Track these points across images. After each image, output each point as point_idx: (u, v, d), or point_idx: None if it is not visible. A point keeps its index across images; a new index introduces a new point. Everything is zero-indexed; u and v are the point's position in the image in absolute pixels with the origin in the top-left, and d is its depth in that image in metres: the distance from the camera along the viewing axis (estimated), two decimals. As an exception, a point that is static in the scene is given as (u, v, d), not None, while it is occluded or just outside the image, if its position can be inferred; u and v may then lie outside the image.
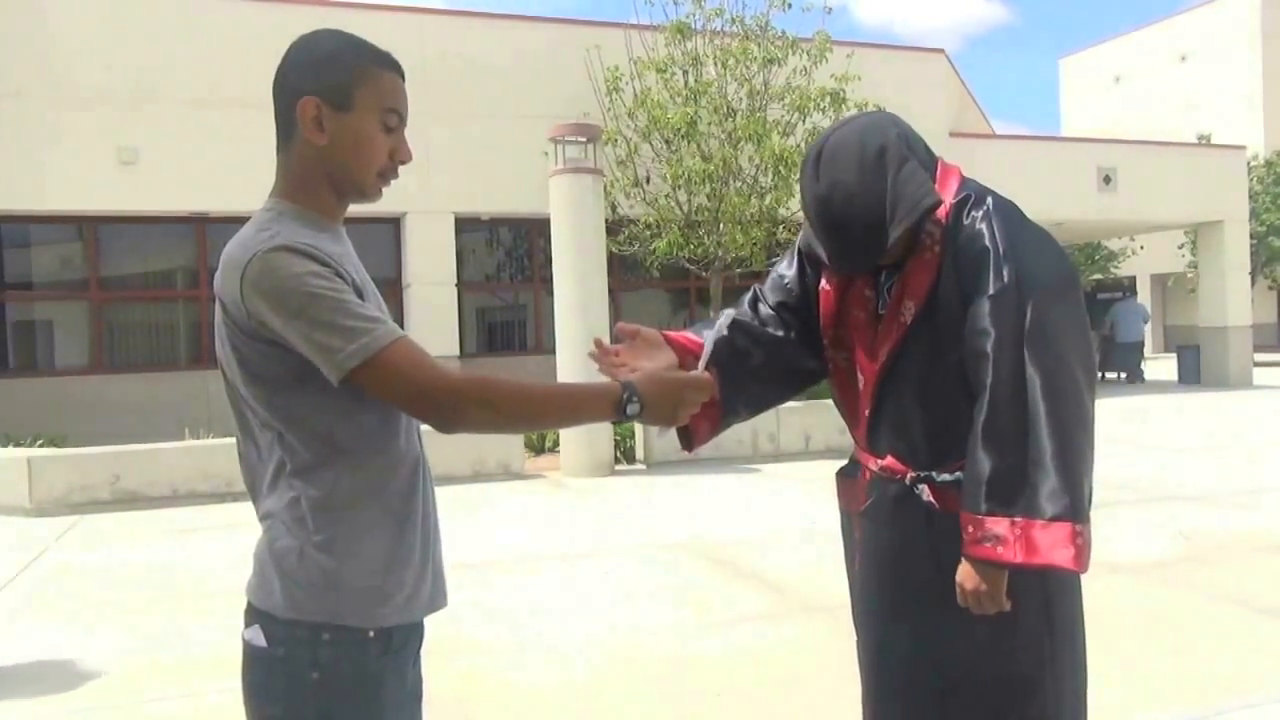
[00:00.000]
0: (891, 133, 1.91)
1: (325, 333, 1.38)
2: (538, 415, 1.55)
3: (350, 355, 1.38)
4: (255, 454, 1.52)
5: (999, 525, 1.75)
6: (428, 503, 1.60)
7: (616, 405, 1.52)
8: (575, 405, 1.57)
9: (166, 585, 5.65)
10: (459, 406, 1.43)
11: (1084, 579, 1.98)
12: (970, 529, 1.78)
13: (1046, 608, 1.89)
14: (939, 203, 1.87)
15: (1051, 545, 1.72)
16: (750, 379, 2.12)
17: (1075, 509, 1.73)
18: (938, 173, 1.95)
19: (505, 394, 1.47)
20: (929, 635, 1.94)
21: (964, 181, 1.97)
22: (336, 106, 1.49)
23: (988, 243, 1.84)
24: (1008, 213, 1.90)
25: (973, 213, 1.89)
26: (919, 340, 1.91)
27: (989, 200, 1.91)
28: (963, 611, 1.84)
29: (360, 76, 1.51)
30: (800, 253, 2.16)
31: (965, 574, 1.81)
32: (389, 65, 1.54)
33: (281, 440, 1.47)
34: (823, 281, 2.10)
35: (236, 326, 1.44)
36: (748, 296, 2.22)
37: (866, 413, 2.02)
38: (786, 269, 2.18)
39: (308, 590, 1.45)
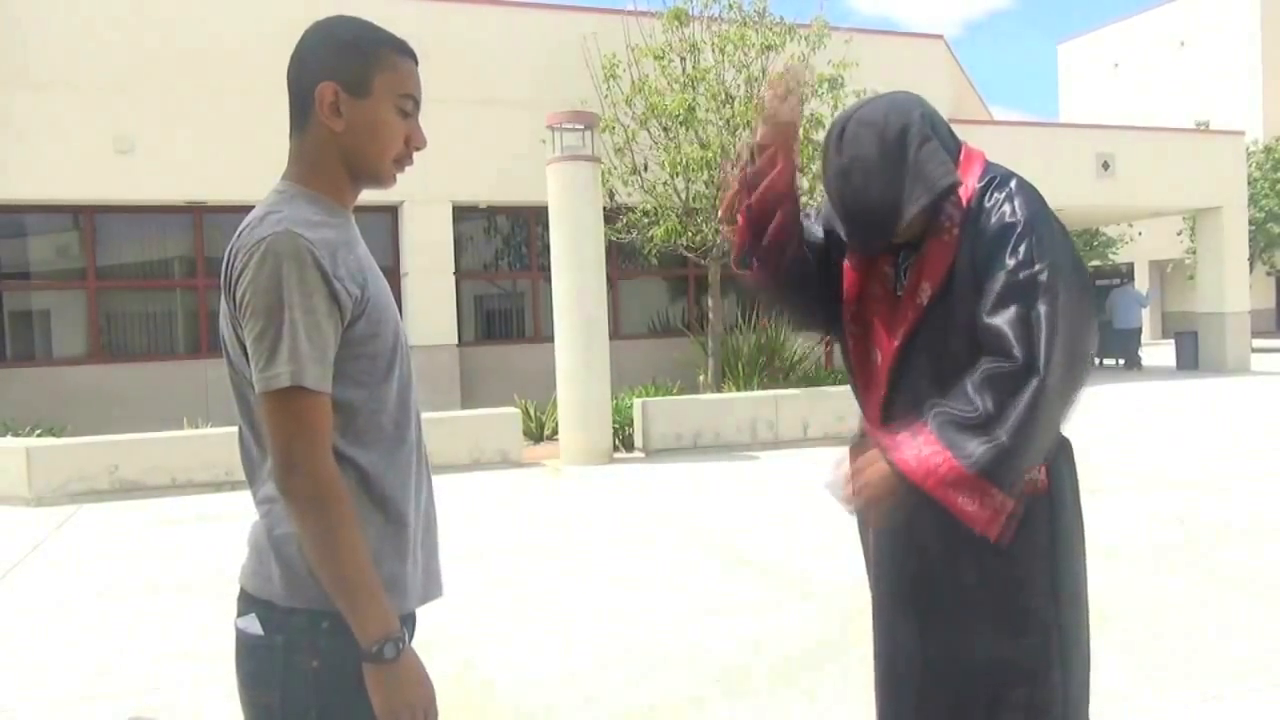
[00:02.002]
0: (916, 112, 1.94)
1: (271, 343, 1.37)
2: (337, 555, 1.39)
3: (269, 379, 1.38)
4: (255, 439, 1.51)
5: (937, 453, 1.74)
6: (425, 493, 1.60)
7: (379, 638, 1.41)
8: (357, 587, 1.40)
9: (166, 574, 5.66)
10: (306, 486, 1.38)
11: (1086, 565, 1.99)
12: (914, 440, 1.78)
13: (1053, 588, 1.91)
14: (957, 183, 1.89)
15: (955, 486, 1.73)
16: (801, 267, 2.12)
17: (999, 476, 1.73)
18: (960, 156, 1.97)
19: (340, 515, 1.39)
20: (940, 614, 1.95)
21: (988, 166, 1.98)
22: (355, 92, 1.49)
23: (1009, 219, 1.86)
24: (1030, 193, 1.92)
25: (995, 194, 1.90)
26: (935, 322, 1.92)
27: (1013, 182, 1.93)
28: (972, 589, 1.85)
29: (379, 63, 1.50)
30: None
31: (874, 468, 1.80)
32: (405, 52, 1.54)
33: None
34: (846, 259, 2.11)
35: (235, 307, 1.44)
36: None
37: (883, 390, 2.04)
38: (817, 228, 2.16)
39: (308, 577, 1.44)
